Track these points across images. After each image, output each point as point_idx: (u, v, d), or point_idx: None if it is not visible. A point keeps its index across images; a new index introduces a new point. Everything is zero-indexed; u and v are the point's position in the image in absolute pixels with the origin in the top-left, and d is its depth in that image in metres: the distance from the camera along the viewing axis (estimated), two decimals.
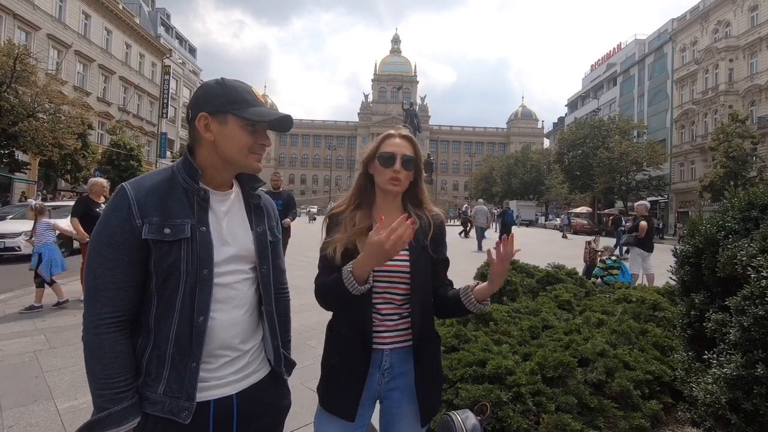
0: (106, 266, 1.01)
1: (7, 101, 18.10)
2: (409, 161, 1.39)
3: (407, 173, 1.40)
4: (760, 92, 30.85)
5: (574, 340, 2.95)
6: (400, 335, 1.37)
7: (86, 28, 30.70)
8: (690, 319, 2.00)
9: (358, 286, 1.19)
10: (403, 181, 1.40)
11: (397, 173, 1.38)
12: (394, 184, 1.39)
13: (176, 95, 44.20)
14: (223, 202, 1.17)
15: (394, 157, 1.38)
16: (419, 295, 1.35)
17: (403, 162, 1.38)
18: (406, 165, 1.39)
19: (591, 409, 2.39)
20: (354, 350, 1.33)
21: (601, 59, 58.44)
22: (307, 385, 3.19)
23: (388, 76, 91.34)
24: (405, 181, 1.41)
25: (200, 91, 1.13)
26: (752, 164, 25.68)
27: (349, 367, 1.33)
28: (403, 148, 1.40)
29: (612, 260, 7.03)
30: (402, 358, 1.37)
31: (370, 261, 1.17)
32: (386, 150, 1.40)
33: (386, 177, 1.39)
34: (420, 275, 1.35)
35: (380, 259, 1.16)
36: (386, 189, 1.41)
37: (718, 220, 1.98)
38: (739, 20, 33.01)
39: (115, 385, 0.99)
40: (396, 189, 1.40)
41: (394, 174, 1.38)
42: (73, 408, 2.94)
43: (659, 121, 42.71)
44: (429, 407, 1.37)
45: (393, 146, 1.41)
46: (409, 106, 38.30)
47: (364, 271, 1.19)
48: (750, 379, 1.51)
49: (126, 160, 27.22)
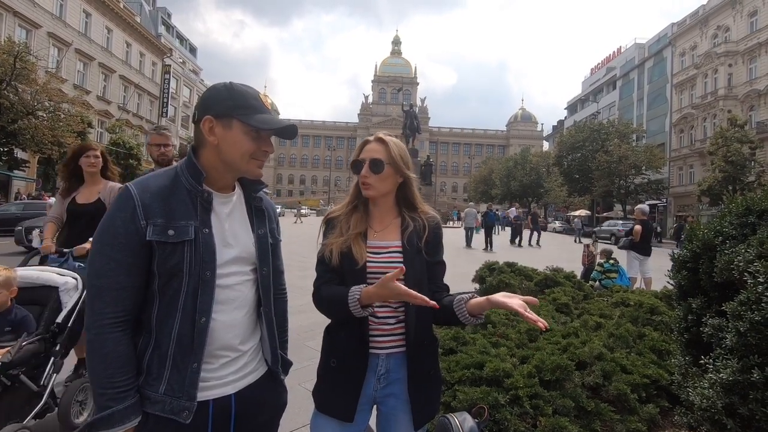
0: (109, 266, 1.02)
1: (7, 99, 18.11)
2: (376, 164, 1.38)
3: (376, 176, 1.38)
4: (759, 97, 30.95)
5: (572, 343, 2.96)
6: (396, 340, 1.36)
7: (87, 27, 30.71)
8: (687, 324, 2.02)
9: (361, 310, 1.26)
10: (374, 185, 1.39)
11: (366, 177, 1.38)
12: (365, 188, 1.40)
13: (176, 94, 44.25)
14: (226, 204, 1.17)
15: (362, 163, 1.40)
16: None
17: (370, 165, 1.38)
18: (373, 168, 1.38)
19: (588, 412, 2.40)
20: (351, 353, 1.34)
21: (601, 63, 58.63)
22: (303, 386, 3.19)
23: (389, 78, 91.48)
24: (378, 185, 1.39)
25: (208, 94, 1.13)
26: (751, 169, 25.78)
27: (346, 370, 1.34)
28: (372, 153, 1.40)
29: (609, 264, 7.05)
30: (398, 363, 1.36)
31: (380, 297, 1.24)
32: (359, 157, 1.42)
33: (360, 182, 1.41)
34: (414, 278, 1.33)
35: (391, 298, 1.25)
36: (364, 194, 1.42)
37: (715, 225, 1.99)
38: (739, 25, 33.13)
39: (118, 384, 0.99)
40: (368, 193, 1.40)
41: (363, 178, 1.39)
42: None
43: (658, 124, 42.81)
44: (424, 413, 1.36)
45: (365, 152, 1.42)
46: (409, 107, 38.26)
47: (371, 301, 1.26)
48: (746, 384, 1.52)
49: (125, 159, 27.20)
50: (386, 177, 1.40)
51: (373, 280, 1.33)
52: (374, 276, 1.33)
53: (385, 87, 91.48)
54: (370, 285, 1.30)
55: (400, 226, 1.42)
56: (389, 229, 1.43)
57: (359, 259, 1.33)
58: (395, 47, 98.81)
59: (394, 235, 1.41)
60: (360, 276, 1.33)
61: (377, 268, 1.35)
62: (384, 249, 1.39)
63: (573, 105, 65.33)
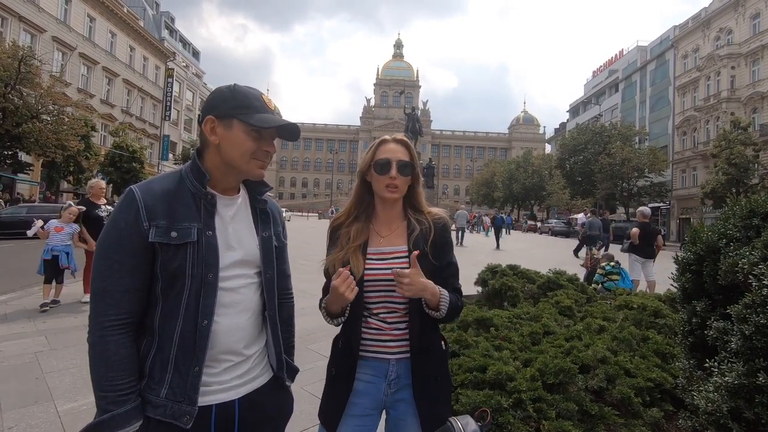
0: (113, 268, 1.02)
1: (12, 102, 18.23)
2: (405, 166, 1.37)
3: (404, 179, 1.37)
4: (761, 99, 30.87)
5: (575, 346, 2.94)
6: (406, 345, 1.35)
7: (91, 31, 30.94)
8: (691, 327, 2.00)
9: (331, 320, 1.35)
10: (400, 187, 1.38)
11: (394, 179, 1.36)
12: (391, 191, 1.37)
13: (179, 98, 44.44)
14: (230, 207, 1.17)
15: (389, 163, 1.36)
16: (418, 303, 1.32)
17: (399, 167, 1.36)
18: (402, 170, 1.37)
19: (592, 416, 2.38)
20: (343, 362, 1.36)
21: (603, 65, 58.62)
22: (307, 390, 3.18)
23: (391, 81, 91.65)
24: (403, 187, 1.39)
25: (212, 95, 1.14)
26: (754, 171, 25.68)
27: (338, 378, 1.36)
28: (398, 153, 1.38)
29: (611, 266, 7.02)
30: (409, 368, 1.35)
31: (333, 302, 1.29)
32: (381, 156, 1.38)
33: (383, 184, 1.37)
34: None
35: (340, 300, 1.25)
36: (384, 196, 1.39)
37: (719, 227, 1.98)
38: (741, 28, 33.09)
39: (119, 387, 0.99)
40: (394, 196, 1.38)
41: (390, 180, 1.36)
42: (74, 410, 2.94)
43: (661, 127, 42.73)
44: (431, 418, 1.34)
45: (388, 152, 1.38)
46: (411, 110, 38.24)
47: (335, 308, 1.31)
48: (752, 387, 1.51)
49: (128, 162, 27.34)
50: (409, 180, 1.41)
51: (371, 289, 1.34)
52: (373, 284, 1.34)
53: (387, 90, 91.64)
54: (370, 291, 1.33)
55: (407, 230, 1.41)
56: (396, 234, 1.42)
57: (356, 272, 1.32)
58: (397, 50, 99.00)
59: (401, 239, 1.40)
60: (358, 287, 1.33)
61: (377, 275, 1.34)
62: (389, 255, 1.38)
63: (575, 107, 65.27)
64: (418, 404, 1.33)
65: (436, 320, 1.35)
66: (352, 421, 1.33)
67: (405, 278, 1.24)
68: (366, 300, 1.35)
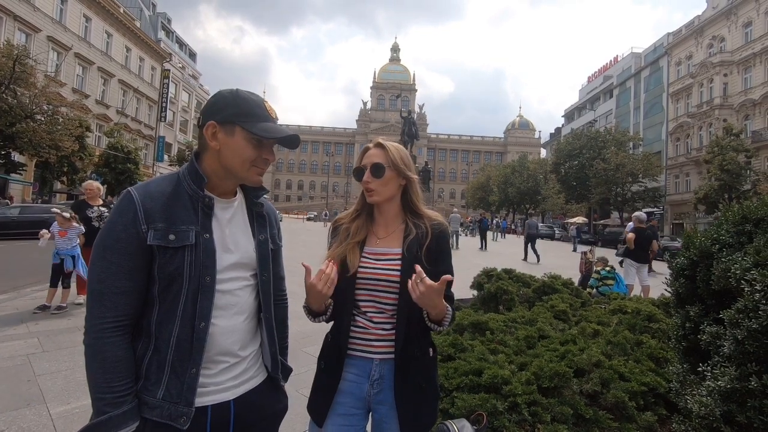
0: (110, 270, 1.01)
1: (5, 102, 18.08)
2: (377, 168, 1.38)
3: (378, 180, 1.38)
4: (754, 106, 31.25)
5: (570, 350, 2.96)
6: (390, 346, 1.35)
7: (86, 31, 30.81)
8: (685, 331, 2.02)
9: (313, 319, 1.36)
10: (377, 189, 1.39)
11: (368, 183, 1.39)
12: (369, 195, 1.40)
13: (175, 99, 44.32)
14: (227, 210, 1.18)
15: (363, 169, 1.41)
16: (408, 306, 1.31)
17: (372, 170, 1.38)
18: (375, 173, 1.38)
19: (586, 419, 2.40)
20: (332, 357, 1.37)
21: (598, 71, 59.08)
22: (301, 392, 3.17)
23: (387, 84, 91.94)
24: (381, 189, 1.39)
25: (213, 99, 1.14)
26: (746, 177, 25.98)
27: (326, 373, 1.38)
28: (372, 158, 1.41)
29: (606, 271, 7.06)
30: (392, 370, 1.35)
31: (311, 299, 1.29)
32: (359, 165, 1.44)
33: (362, 189, 1.42)
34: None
35: (318, 298, 1.26)
36: (369, 200, 1.42)
37: (712, 233, 2.00)
38: (734, 36, 33.53)
39: (116, 389, 0.99)
40: (372, 198, 1.40)
41: (365, 184, 1.39)
42: (66, 412, 2.90)
43: (655, 133, 43.12)
44: (412, 426, 1.32)
45: (365, 158, 1.43)
46: (408, 113, 38.31)
47: (316, 306, 1.31)
48: (744, 392, 1.52)
49: (123, 162, 27.20)
50: (388, 181, 1.40)
51: (364, 287, 1.35)
52: (366, 282, 1.35)
53: (383, 93, 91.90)
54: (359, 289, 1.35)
55: (403, 233, 1.42)
56: (393, 236, 1.43)
57: (351, 267, 1.35)
58: (394, 54, 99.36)
59: (396, 242, 1.41)
60: (350, 283, 1.35)
61: (371, 274, 1.36)
62: (383, 256, 1.39)
63: (570, 113, 65.72)
64: (400, 409, 1.32)
65: (426, 326, 1.35)
66: (338, 420, 1.34)
67: (422, 287, 1.20)
68: (356, 297, 1.37)
